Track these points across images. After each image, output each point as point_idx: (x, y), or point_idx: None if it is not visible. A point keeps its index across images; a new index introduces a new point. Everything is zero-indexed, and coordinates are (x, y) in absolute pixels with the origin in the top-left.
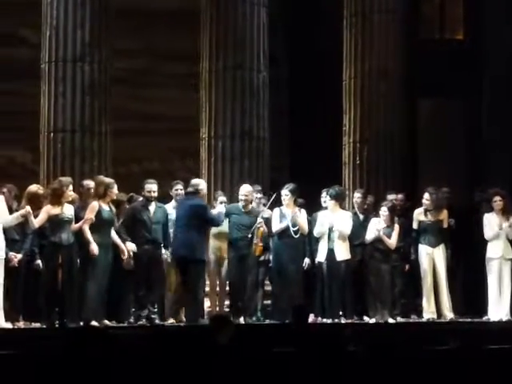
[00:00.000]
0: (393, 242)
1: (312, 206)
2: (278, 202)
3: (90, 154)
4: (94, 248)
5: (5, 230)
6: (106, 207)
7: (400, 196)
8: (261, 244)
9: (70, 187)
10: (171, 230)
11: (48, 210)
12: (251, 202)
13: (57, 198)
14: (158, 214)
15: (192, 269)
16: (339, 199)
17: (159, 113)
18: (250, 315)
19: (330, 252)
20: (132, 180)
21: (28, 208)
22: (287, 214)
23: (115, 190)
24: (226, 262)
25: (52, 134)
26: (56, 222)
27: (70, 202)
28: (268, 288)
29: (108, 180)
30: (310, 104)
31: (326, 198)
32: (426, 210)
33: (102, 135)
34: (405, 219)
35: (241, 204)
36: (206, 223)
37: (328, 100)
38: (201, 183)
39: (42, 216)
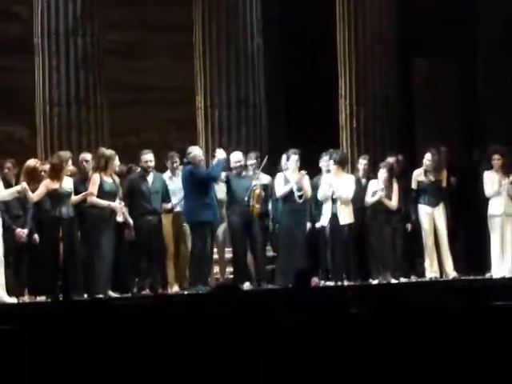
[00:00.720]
0: (394, 203)
1: (310, 169)
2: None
3: (87, 127)
4: (117, 207)
5: (7, 207)
6: (108, 179)
7: (400, 157)
8: (258, 206)
9: (70, 162)
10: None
11: (47, 184)
12: (245, 168)
13: (56, 173)
14: (156, 184)
15: (190, 233)
16: (343, 164)
17: (154, 84)
18: (259, 281)
19: (334, 216)
20: (130, 152)
21: (24, 184)
22: (291, 179)
23: (116, 161)
24: (220, 229)
25: (48, 109)
26: (55, 196)
27: (69, 176)
28: (268, 253)
29: (109, 152)
30: (306, 68)
31: (328, 162)
32: (425, 171)
33: (97, 108)
34: (404, 180)
35: (235, 171)
36: (204, 184)
37: (323, 64)
38: (192, 150)
39: (40, 190)
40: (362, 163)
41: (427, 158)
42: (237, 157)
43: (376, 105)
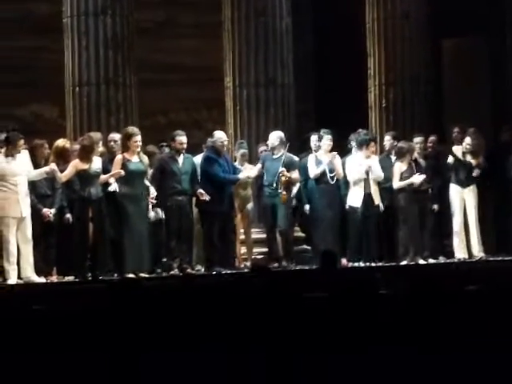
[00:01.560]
0: (415, 180)
1: (339, 150)
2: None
3: (116, 107)
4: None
5: (35, 186)
6: (133, 158)
7: (433, 137)
8: (284, 193)
9: (100, 143)
10: None
11: (76, 164)
12: (281, 149)
13: (87, 154)
14: (186, 165)
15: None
16: (367, 144)
17: (182, 63)
18: (289, 261)
19: (367, 196)
20: (159, 132)
21: (53, 165)
22: (323, 160)
23: (137, 138)
24: (248, 209)
25: (77, 88)
26: (85, 177)
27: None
28: (297, 234)
29: (129, 130)
30: (334, 48)
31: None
32: (463, 153)
33: (126, 87)
34: (435, 161)
35: (270, 152)
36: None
37: (352, 44)
38: (215, 133)
39: (69, 170)
40: (386, 139)
41: (467, 141)
42: (273, 136)
43: (405, 85)
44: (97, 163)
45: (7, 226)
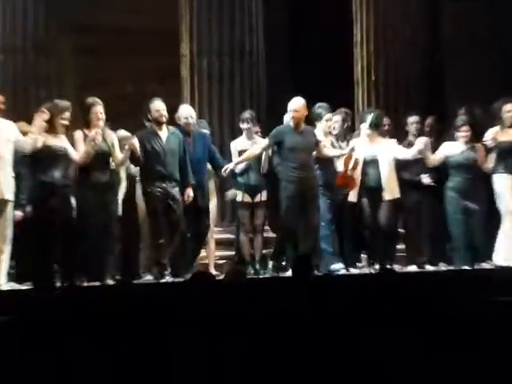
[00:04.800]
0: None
1: None
2: None
3: (47, 78)
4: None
5: None
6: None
7: (429, 120)
8: (350, 174)
9: (68, 114)
10: None
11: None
12: (304, 120)
13: (53, 126)
14: (171, 143)
15: None
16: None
17: (130, 26)
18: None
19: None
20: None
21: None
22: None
23: (99, 109)
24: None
25: (0, 56)
26: (48, 156)
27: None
28: None
29: (90, 100)
30: (314, 10)
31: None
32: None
33: (59, 55)
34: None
35: (292, 122)
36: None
37: (335, 5)
38: (179, 109)
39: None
40: (411, 121)
41: (507, 109)
42: (296, 103)
43: (398, 54)
44: (63, 140)
45: None
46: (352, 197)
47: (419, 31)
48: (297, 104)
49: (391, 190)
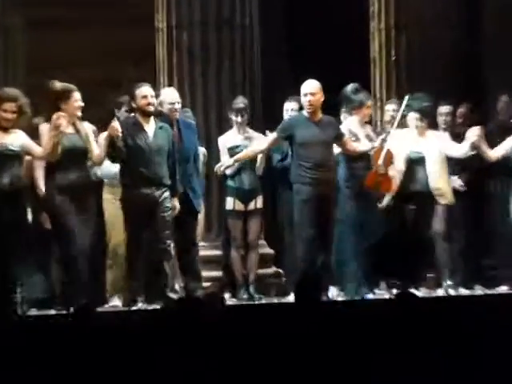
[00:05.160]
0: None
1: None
2: None
3: None
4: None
5: None
6: (68, 129)
7: (462, 109)
8: (381, 171)
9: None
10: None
11: None
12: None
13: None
14: (159, 139)
15: None
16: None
17: None
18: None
19: None
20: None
21: None
22: None
23: (77, 96)
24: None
25: None
26: None
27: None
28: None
29: (65, 86)
30: None
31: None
32: None
33: (10, 30)
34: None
35: (307, 110)
36: None
37: None
38: (162, 95)
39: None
40: (442, 111)
41: None
42: (311, 86)
43: (424, 29)
44: (19, 137)
45: None
46: (386, 201)
47: (452, 3)
48: (313, 86)
49: (446, 194)
